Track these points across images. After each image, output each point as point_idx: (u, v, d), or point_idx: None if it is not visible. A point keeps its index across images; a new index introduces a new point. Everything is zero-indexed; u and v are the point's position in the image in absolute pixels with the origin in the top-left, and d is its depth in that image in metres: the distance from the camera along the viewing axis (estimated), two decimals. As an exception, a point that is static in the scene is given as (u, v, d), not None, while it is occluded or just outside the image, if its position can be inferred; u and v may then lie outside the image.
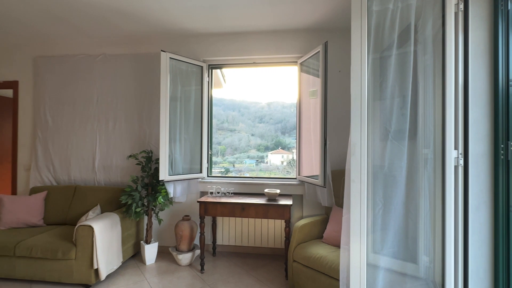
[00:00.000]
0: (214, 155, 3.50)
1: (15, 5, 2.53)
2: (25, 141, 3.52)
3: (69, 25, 2.94)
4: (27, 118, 3.51)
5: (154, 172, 2.98)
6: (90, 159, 3.36)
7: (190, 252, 2.86)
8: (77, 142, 3.38)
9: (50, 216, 2.98)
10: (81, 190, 3.11)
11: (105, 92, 3.35)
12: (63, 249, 2.32)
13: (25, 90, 3.52)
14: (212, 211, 2.70)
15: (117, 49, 3.38)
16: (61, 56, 3.43)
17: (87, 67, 3.38)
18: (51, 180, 3.39)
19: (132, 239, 2.93)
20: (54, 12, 2.65)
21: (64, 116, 3.41)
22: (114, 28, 2.99)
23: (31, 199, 2.94)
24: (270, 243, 3.10)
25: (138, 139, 3.30)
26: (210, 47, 3.21)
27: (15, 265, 2.39)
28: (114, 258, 2.56)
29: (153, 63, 3.24)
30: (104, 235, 2.43)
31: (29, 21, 2.86)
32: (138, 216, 2.78)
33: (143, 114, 3.29)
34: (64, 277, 2.34)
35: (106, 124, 3.34)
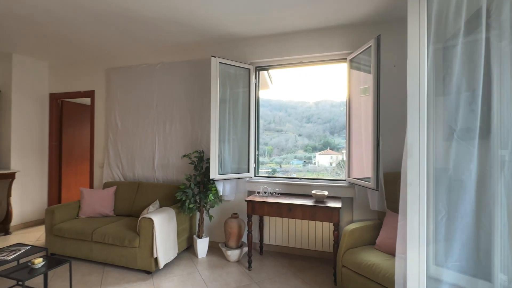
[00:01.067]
0: (261, 155, 3.55)
1: (90, 23, 2.94)
2: (100, 142, 4.07)
3: (133, 39, 3.30)
4: (101, 122, 4.06)
5: (205, 171, 3.16)
6: (150, 158, 3.72)
7: (238, 249, 2.95)
8: (140, 143, 3.78)
9: (118, 208, 3.38)
10: (143, 186, 3.46)
11: (163, 97, 3.68)
12: (129, 238, 2.62)
13: (99, 98, 4.08)
14: (259, 210, 2.75)
15: (173, 57, 3.68)
16: (127, 67, 3.88)
17: (148, 75, 3.76)
18: (120, 176, 3.85)
19: (186, 233, 3.15)
20: (122, 27, 3.00)
21: (130, 119, 3.84)
22: (171, 38, 3.26)
23: (104, 192, 3.38)
24: (318, 246, 3.02)
25: (191, 140, 3.53)
26: (257, 50, 3.27)
27: (92, 249, 2.78)
28: (171, 249, 2.79)
29: (204, 68, 3.45)
30: (162, 227, 2.66)
31: (102, 37, 3.29)
32: (191, 211, 2.98)
33: (195, 117, 3.51)
34: (130, 262, 2.64)
35: (163, 127, 3.67)
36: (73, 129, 4.65)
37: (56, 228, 2.90)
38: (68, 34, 3.18)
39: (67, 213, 3.11)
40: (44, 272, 2.04)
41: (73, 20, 2.82)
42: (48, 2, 2.47)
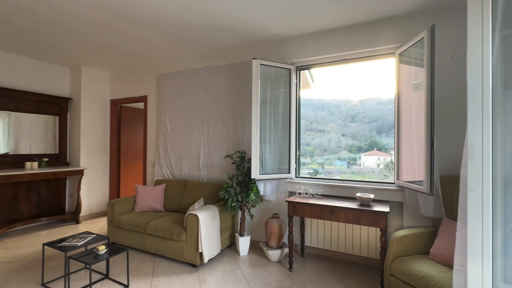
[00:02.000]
0: (303, 156, 3.51)
1: (145, 35, 3.22)
2: (152, 143, 4.43)
3: (180, 46, 3.53)
4: (153, 125, 4.42)
5: (247, 171, 3.23)
6: (196, 158, 3.93)
7: (279, 249, 2.96)
8: (187, 144, 4.02)
9: (168, 203, 3.64)
10: (189, 184, 3.67)
11: (207, 100, 3.87)
12: (177, 232, 2.81)
13: (151, 102, 4.45)
14: (300, 211, 2.72)
15: (216, 62, 3.84)
16: (175, 73, 4.16)
17: (194, 80, 3.98)
18: (169, 174, 4.15)
19: (228, 231, 3.26)
20: (171, 36, 3.23)
21: (178, 122, 4.11)
22: (214, 43, 3.41)
23: (156, 189, 3.67)
24: (363, 251, 2.87)
25: (233, 141, 3.65)
26: (298, 49, 3.24)
27: (145, 240, 3.04)
28: (214, 246, 2.91)
29: (245, 71, 3.53)
30: (207, 224, 2.80)
31: (154, 47, 3.58)
32: (233, 210, 3.07)
33: (237, 118, 3.62)
34: (178, 255, 2.83)
35: (208, 128, 3.85)
36: (129, 131, 5.14)
37: (116, 220, 3.25)
38: (126, 46, 3.53)
39: (124, 206, 3.46)
40: (107, 258, 2.30)
41: (131, 33, 3.12)
42: (110, 19, 2.78)
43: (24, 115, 4.05)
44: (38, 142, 4.23)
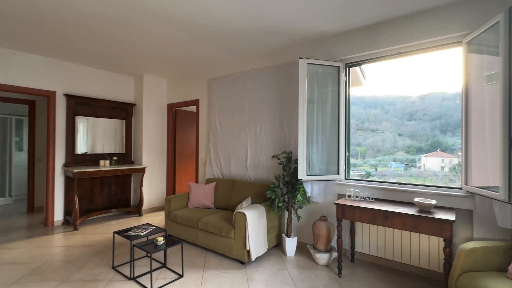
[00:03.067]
0: (353, 157, 3.34)
1: (198, 43, 3.44)
2: (203, 143, 4.71)
3: (229, 50, 3.68)
4: (204, 127, 4.69)
5: (294, 171, 3.21)
6: (243, 158, 4.05)
7: (327, 253, 2.87)
8: (235, 144, 4.17)
9: (217, 201, 3.83)
10: (237, 183, 3.80)
11: (254, 101, 3.95)
12: (226, 229, 2.93)
13: (203, 105, 4.73)
14: (349, 215, 2.59)
15: (262, 63, 3.90)
16: (224, 76, 4.35)
17: (241, 82, 4.11)
18: (218, 173, 4.35)
19: (275, 231, 3.28)
20: (220, 41, 3.40)
21: (227, 123, 4.29)
22: (261, 46, 3.47)
23: (207, 187, 3.89)
24: (422, 262, 2.60)
25: (279, 141, 3.66)
26: (347, 45, 3.10)
27: (198, 235, 3.24)
28: (261, 244, 2.96)
29: (292, 71, 3.51)
30: (254, 222, 2.86)
31: (205, 52, 3.80)
32: (279, 210, 3.08)
33: (283, 118, 3.62)
34: (227, 251, 2.95)
35: (255, 129, 3.93)
36: (184, 133, 5.54)
37: (172, 214, 3.53)
38: (180, 54, 3.83)
39: (179, 202, 3.74)
40: (164, 249, 2.53)
41: (185, 43, 3.37)
42: (168, 32, 3.05)
43: (98, 119, 4.68)
44: (109, 143, 4.85)
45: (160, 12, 2.65)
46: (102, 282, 2.47)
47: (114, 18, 2.79)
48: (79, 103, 4.42)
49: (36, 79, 4.00)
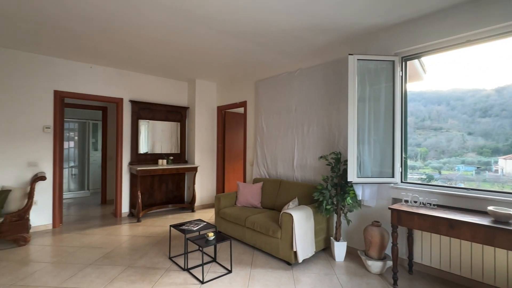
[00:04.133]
0: (411, 158, 3.06)
1: (247, 46, 3.54)
2: (250, 144, 4.82)
3: (275, 51, 3.70)
4: (251, 127, 4.80)
5: (343, 173, 3.07)
6: (290, 159, 4.03)
7: (381, 261, 2.67)
8: (282, 145, 4.17)
9: (264, 201, 3.88)
10: (284, 184, 3.80)
11: (301, 101, 3.90)
12: (273, 229, 2.95)
13: (250, 106, 4.84)
14: (407, 221, 2.38)
15: (310, 62, 3.83)
16: (270, 77, 4.39)
17: (288, 82, 4.10)
18: (265, 174, 4.41)
19: (322, 234, 3.19)
20: (266, 42, 3.44)
21: (273, 124, 4.32)
22: (307, 44, 3.41)
23: (254, 187, 3.97)
24: (500, 281, 2.25)
25: (328, 142, 3.54)
26: (403, 37, 2.85)
27: (245, 233, 3.33)
28: (308, 247, 2.90)
29: (340, 68, 3.37)
30: (301, 224, 2.82)
31: (254, 54, 3.89)
32: (328, 213, 2.98)
33: (332, 118, 3.49)
34: (273, 250, 2.97)
35: (302, 129, 3.87)
36: (232, 134, 5.75)
37: (221, 212, 3.70)
38: (229, 58, 3.99)
39: (228, 201, 3.90)
40: (215, 244, 2.66)
41: (233, 46, 3.50)
42: (218, 38, 3.22)
43: (157, 122, 5.15)
44: (166, 144, 5.29)
45: (215, 22, 2.80)
46: (160, 270, 2.71)
47: (178, 27, 3.04)
48: (142, 108, 4.93)
49: (108, 88, 4.58)
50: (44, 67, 3.98)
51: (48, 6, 2.54)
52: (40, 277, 2.55)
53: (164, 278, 2.56)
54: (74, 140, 6.71)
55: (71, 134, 6.64)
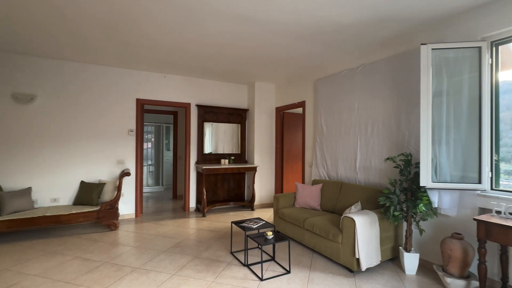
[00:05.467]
0: (507, 161, 2.56)
1: (302, 44, 3.50)
2: (309, 144, 4.73)
3: (335, 48, 3.55)
4: (310, 128, 4.71)
5: (414, 176, 2.77)
6: (352, 160, 3.81)
7: (464, 279, 2.31)
8: (343, 145, 3.98)
9: (324, 203, 3.76)
10: (345, 186, 3.61)
11: (364, 99, 3.66)
12: (333, 233, 2.84)
13: (309, 106, 4.76)
14: (499, 236, 2.01)
15: (374, 57, 3.56)
16: (330, 76, 4.24)
17: (349, 80, 3.89)
18: (325, 175, 4.27)
19: (390, 242, 2.92)
20: (325, 40, 3.34)
21: (334, 123, 4.16)
22: (372, 38, 3.18)
23: (313, 188, 3.89)
24: None
25: (395, 142, 3.24)
26: (493, 18, 2.41)
27: (304, 235, 3.29)
28: (373, 255, 2.70)
29: (410, 61, 3.04)
30: (364, 229, 2.65)
31: (311, 54, 3.82)
32: (396, 220, 2.72)
33: (401, 116, 3.18)
34: (334, 255, 2.86)
35: (365, 129, 3.63)
36: (290, 134, 5.74)
37: (280, 212, 3.73)
38: (288, 60, 4.00)
39: (287, 201, 3.90)
40: (273, 243, 2.71)
41: (291, 47, 3.51)
42: (279, 38, 3.27)
43: (220, 124, 5.49)
44: (228, 144, 5.60)
45: (275, 25, 2.86)
46: (223, 263, 2.89)
47: (239, 33, 3.21)
48: (206, 111, 5.33)
49: (178, 94, 5.10)
50: (128, 79, 4.65)
51: (133, 35, 2.97)
52: (126, 258, 3.00)
53: (226, 271, 2.72)
54: (151, 142, 7.66)
55: (148, 136, 7.60)
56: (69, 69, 4.22)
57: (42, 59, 4.05)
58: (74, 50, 3.73)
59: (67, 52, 3.83)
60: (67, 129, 4.21)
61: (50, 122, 4.11)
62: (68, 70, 4.22)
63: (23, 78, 3.95)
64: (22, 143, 3.94)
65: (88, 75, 4.35)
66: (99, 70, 4.43)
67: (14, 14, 2.71)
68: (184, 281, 2.52)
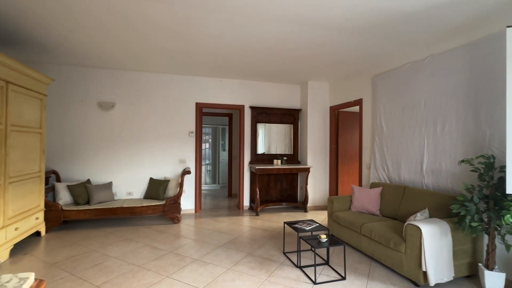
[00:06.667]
0: None
1: (357, 39, 3.31)
2: (367, 145, 4.44)
3: (396, 40, 3.25)
4: (368, 127, 4.41)
5: (498, 182, 2.36)
6: (418, 162, 3.44)
7: None
8: (406, 146, 3.62)
9: (384, 208, 3.48)
10: (409, 191, 3.28)
11: (432, 94, 3.27)
12: (395, 241, 2.61)
13: (366, 104, 4.47)
14: None
15: (445, 46, 3.16)
16: (390, 70, 3.90)
17: (414, 73, 3.52)
18: (385, 178, 3.95)
19: (466, 257, 2.55)
20: (386, 31, 3.09)
21: (395, 122, 3.82)
22: (443, 24, 2.82)
23: (371, 192, 3.64)
24: None
25: (473, 142, 2.81)
26: None
27: (361, 240, 3.10)
28: (444, 269, 2.40)
29: (491, 48, 2.61)
30: (432, 240, 2.37)
31: (368, 48, 3.58)
32: (473, 231, 2.36)
33: (480, 112, 2.75)
34: (395, 265, 2.62)
35: (433, 127, 3.24)
36: (346, 134, 5.47)
37: (334, 215, 3.59)
38: (342, 56, 3.83)
39: (342, 204, 3.73)
40: (327, 247, 2.62)
41: (348, 42, 3.35)
42: (331, 34, 3.17)
43: (272, 125, 5.55)
44: (280, 145, 5.62)
45: (328, 21, 2.78)
46: (275, 263, 2.92)
47: (291, 33, 3.23)
48: (259, 112, 5.44)
49: (233, 97, 5.33)
50: (189, 85, 5.06)
51: (193, 44, 3.23)
52: (187, 250, 3.26)
53: (278, 270, 2.74)
54: (208, 142, 8.17)
55: (206, 137, 8.12)
56: (140, 79, 4.80)
57: (120, 71, 4.70)
58: (144, 61, 4.23)
59: (139, 64, 4.37)
60: (139, 131, 4.79)
61: (126, 126, 4.73)
62: (140, 80, 4.80)
63: (106, 88, 4.64)
64: (105, 144, 4.62)
65: (155, 83, 4.88)
66: (165, 78, 4.92)
67: (101, 34, 3.21)
68: (238, 276, 2.62)
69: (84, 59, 4.12)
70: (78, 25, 2.95)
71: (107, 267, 2.77)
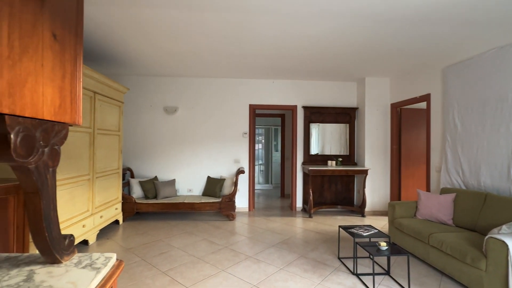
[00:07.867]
0: None
1: (422, 29, 2.98)
2: (436, 145, 3.95)
3: (471, 25, 2.81)
4: (437, 125, 3.92)
5: None
6: (503, 165, 2.92)
7: None
8: (488, 146, 3.11)
9: (458, 218, 3.05)
10: (492, 198, 2.81)
11: (523, 85, 2.74)
12: (472, 256, 2.27)
13: (435, 100, 3.98)
14: None
15: (542, 25, 2.61)
16: (467, 60, 3.40)
17: (498, 62, 3.00)
18: (460, 183, 3.45)
19: None
20: (459, 17, 2.71)
21: (473, 119, 3.31)
22: (536, 0, 2.35)
23: (442, 198, 3.23)
24: None
25: None
26: None
27: (429, 252, 2.77)
28: (541, 295, 1.99)
29: None
30: (524, 259, 1.99)
31: (436, 38, 3.18)
32: None
33: None
34: (473, 284, 2.27)
35: (525, 124, 2.71)
36: (410, 134, 4.95)
37: (397, 221, 3.29)
38: (405, 48, 3.48)
39: (405, 210, 3.40)
40: (388, 256, 2.42)
41: (408, 33, 3.04)
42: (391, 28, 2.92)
43: (326, 125, 5.37)
44: (335, 145, 5.40)
45: (384, 11, 2.59)
46: (329, 267, 2.82)
47: (345, 26, 3.10)
48: (312, 112, 5.32)
49: (285, 98, 5.33)
50: (242, 87, 5.24)
51: (246, 46, 3.34)
52: (242, 246, 3.38)
53: (333, 276, 2.64)
54: (261, 143, 8.32)
55: (259, 138, 8.28)
56: (199, 84, 5.17)
57: (181, 78, 5.13)
58: (202, 67, 4.53)
59: (197, 70, 4.70)
60: (198, 133, 5.16)
61: (187, 128, 5.15)
62: (198, 85, 5.17)
63: (170, 94, 5.13)
64: (170, 144, 5.11)
65: (212, 87, 5.19)
66: (220, 82, 5.20)
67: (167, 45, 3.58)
68: (291, 277, 2.61)
69: (152, 69, 4.62)
70: (148, 41, 3.33)
71: (171, 256, 3.06)
